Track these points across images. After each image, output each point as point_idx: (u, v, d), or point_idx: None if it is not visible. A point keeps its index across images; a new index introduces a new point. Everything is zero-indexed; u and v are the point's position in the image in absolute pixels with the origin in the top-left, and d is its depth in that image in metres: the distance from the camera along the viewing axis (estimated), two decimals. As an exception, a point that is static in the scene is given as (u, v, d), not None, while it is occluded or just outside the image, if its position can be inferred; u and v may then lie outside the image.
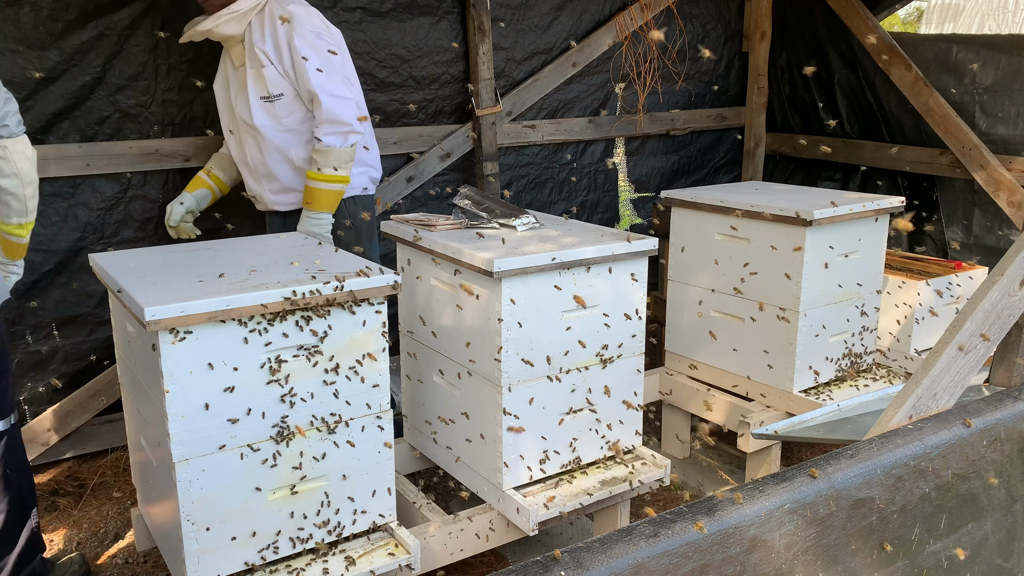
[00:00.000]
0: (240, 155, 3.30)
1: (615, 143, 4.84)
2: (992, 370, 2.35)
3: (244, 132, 3.23)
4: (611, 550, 1.44)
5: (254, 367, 2.05)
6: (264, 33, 3.09)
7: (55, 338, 3.47)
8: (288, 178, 3.23)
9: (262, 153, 3.21)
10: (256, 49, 3.09)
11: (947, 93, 4.44)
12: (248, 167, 3.29)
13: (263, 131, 3.15)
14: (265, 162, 3.22)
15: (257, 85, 3.13)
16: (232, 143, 3.32)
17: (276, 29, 3.07)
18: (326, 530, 2.23)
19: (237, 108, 3.22)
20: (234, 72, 3.23)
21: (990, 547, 2.01)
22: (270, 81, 3.10)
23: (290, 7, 3.08)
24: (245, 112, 3.18)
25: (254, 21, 3.10)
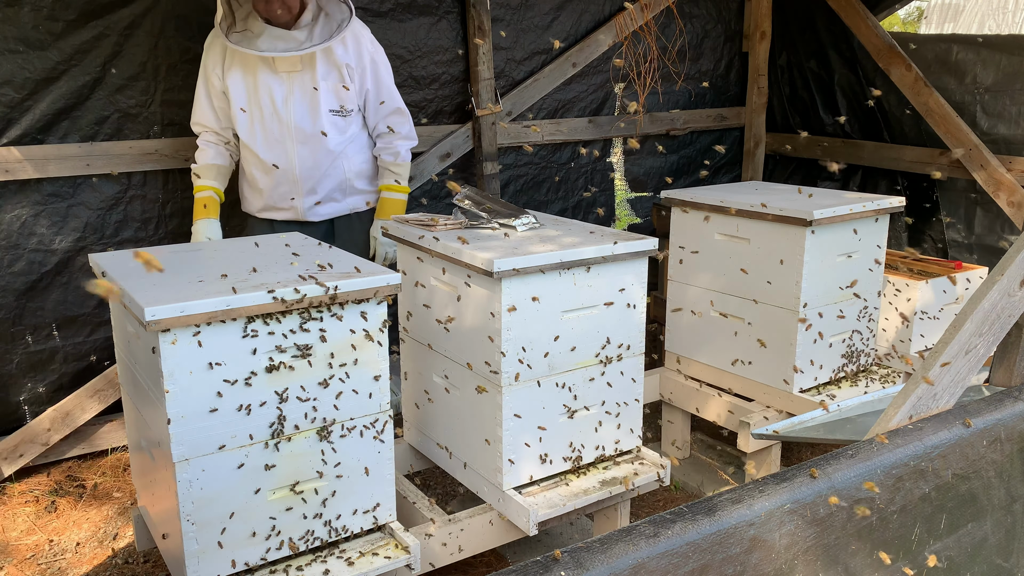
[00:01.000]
0: (284, 166, 3.22)
1: (612, 143, 4.84)
2: (992, 370, 2.35)
3: (297, 142, 3.20)
4: (611, 550, 1.44)
5: (254, 367, 2.05)
6: (348, 49, 3.20)
7: (55, 338, 3.47)
8: (336, 189, 3.35)
9: (319, 166, 3.25)
10: (341, 64, 3.19)
11: (948, 93, 4.44)
12: (291, 177, 3.24)
13: (331, 144, 3.23)
14: (320, 173, 3.26)
15: (331, 98, 3.20)
16: (268, 152, 3.21)
17: (361, 47, 3.23)
18: (326, 530, 2.23)
19: (292, 117, 3.17)
20: (274, 76, 3.15)
21: (990, 547, 2.01)
22: (348, 97, 3.23)
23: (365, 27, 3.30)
24: (307, 122, 3.19)
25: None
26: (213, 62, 3.18)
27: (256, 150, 3.22)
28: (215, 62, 3.18)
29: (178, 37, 3.47)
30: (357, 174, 3.39)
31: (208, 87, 3.22)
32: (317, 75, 3.17)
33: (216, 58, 3.18)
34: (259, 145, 3.21)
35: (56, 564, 2.95)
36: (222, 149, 3.30)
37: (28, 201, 3.33)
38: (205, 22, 3.49)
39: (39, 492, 3.37)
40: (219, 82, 3.20)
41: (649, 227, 5.11)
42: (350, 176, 3.35)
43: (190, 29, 3.48)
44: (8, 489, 3.38)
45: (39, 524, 3.18)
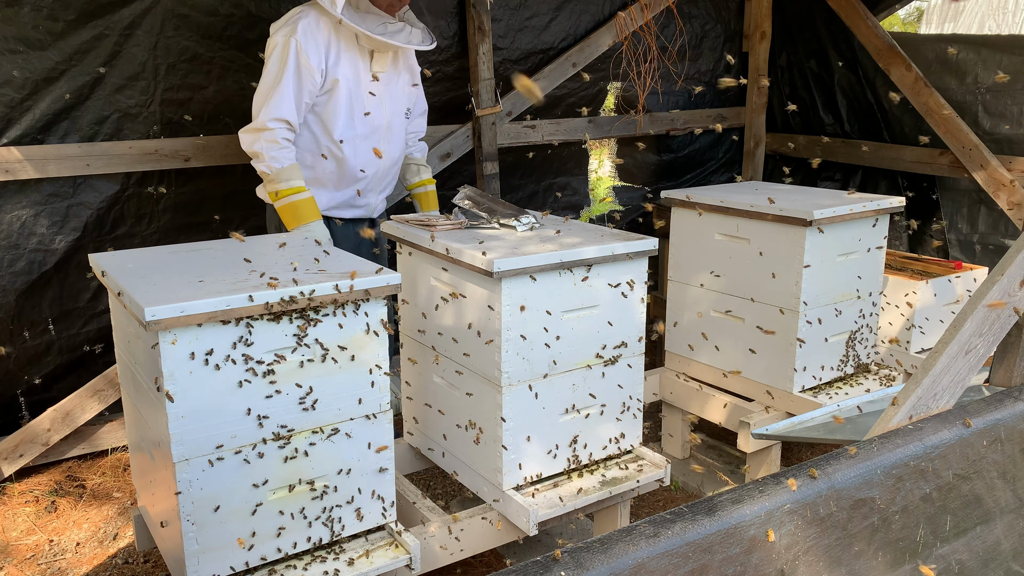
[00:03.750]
0: (372, 164, 3.27)
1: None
2: (992, 370, 2.34)
3: (386, 140, 3.28)
4: (611, 550, 1.44)
5: (254, 367, 2.05)
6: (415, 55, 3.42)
7: (51, 332, 3.47)
8: (395, 184, 3.50)
9: (397, 163, 3.39)
10: (415, 69, 3.40)
11: (949, 93, 4.44)
12: (379, 175, 3.32)
13: (403, 141, 3.41)
14: (393, 171, 3.41)
15: (406, 100, 3.36)
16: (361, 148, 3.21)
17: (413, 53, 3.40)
18: (326, 530, 2.23)
19: (386, 116, 3.25)
20: (369, 75, 3.19)
21: (1004, 552, 2.00)
22: (416, 99, 3.45)
23: None
24: (396, 121, 3.31)
25: None
26: (316, 53, 3.01)
27: (352, 148, 3.18)
28: (318, 54, 3.01)
29: (178, 37, 3.47)
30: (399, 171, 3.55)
31: (302, 79, 3.01)
32: (402, 76, 3.32)
33: (320, 49, 3.02)
34: (357, 144, 3.19)
35: (56, 564, 2.95)
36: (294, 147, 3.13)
37: (28, 201, 3.33)
38: (205, 22, 3.50)
39: (39, 492, 3.37)
40: (321, 76, 3.04)
41: (635, 218, 5.11)
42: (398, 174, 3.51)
43: (190, 29, 3.48)
44: (8, 489, 3.38)
45: (39, 524, 3.18)
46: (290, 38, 2.98)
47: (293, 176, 3.04)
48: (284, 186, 3.03)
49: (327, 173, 3.21)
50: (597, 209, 5.08)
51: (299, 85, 3.01)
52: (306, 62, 2.99)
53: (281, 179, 3.03)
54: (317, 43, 3.01)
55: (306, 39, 2.99)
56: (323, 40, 3.03)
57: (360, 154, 3.21)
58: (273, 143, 3.01)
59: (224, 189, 3.70)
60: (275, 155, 3.02)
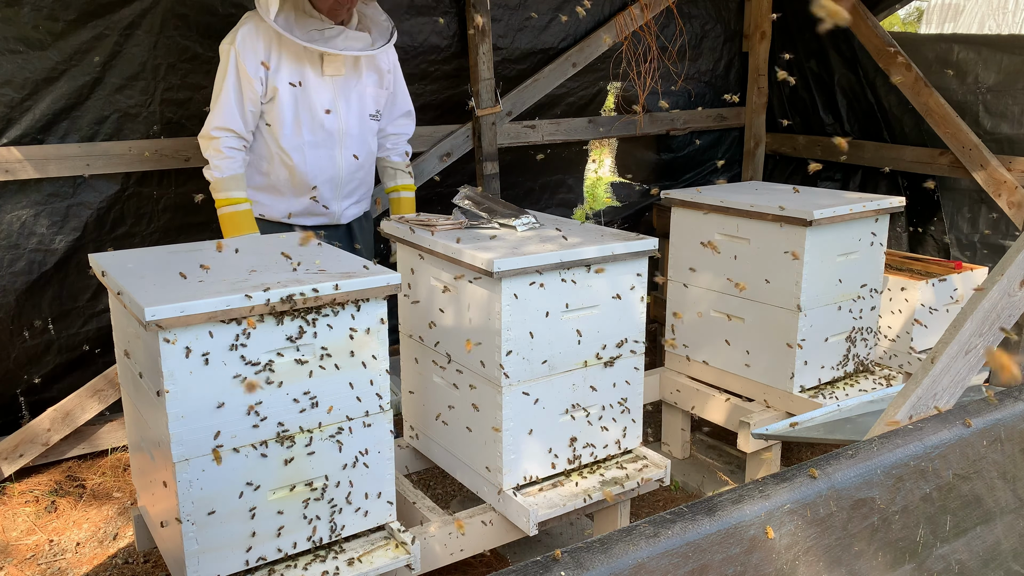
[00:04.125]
0: (330, 171, 3.18)
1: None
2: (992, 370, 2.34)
3: (344, 147, 3.18)
4: (611, 550, 1.44)
5: (254, 367, 2.05)
6: (387, 55, 3.27)
7: (50, 332, 3.47)
8: (365, 190, 3.40)
9: (362, 168, 3.29)
10: (383, 69, 3.26)
11: (950, 93, 4.44)
12: (335, 181, 3.22)
13: (372, 146, 3.32)
14: (360, 176, 3.30)
15: (372, 102, 3.26)
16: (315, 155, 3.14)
17: (390, 53, 3.30)
18: (326, 530, 2.23)
19: (342, 121, 3.15)
20: (321, 79, 3.09)
21: (1004, 552, 2.00)
22: (383, 101, 3.31)
23: None
24: (356, 127, 3.21)
25: None
26: (253, 61, 2.99)
27: (300, 156, 3.12)
28: (255, 62, 3.00)
29: (178, 37, 3.47)
30: (373, 176, 3.46)
31: (242, 88, 3.01)
32: (363, 79, 3.21)
33: (257, 58, 3.00)
34: (305, 151, 3.12)
35: (56, 564, 2.95)
36: (244, 156, 3.13)
37: (28, 201, 3.33)
38: (205, 22, 3.49)
39: (39, 492, 3.37)
40: (261, 85, 3.02)
41: (632, 216, 5.11)
42: (371, 179, 3.43)
43: (190, 29, 3.48)
44: (8, 489, 3.38)
45: (39, 524, 3.18)
46: (230, 47, 3.01)
47: (232, 187, 3.06)
48: (223, 195, 3.07)
49: (281, 181, 3.17)
50: (592, 206, 5.08)
51: (240, 94, 3.02)
52: (244, 71, 3.00)
53: (221, 188, 3.06)
54: (255, 51, 3.00)
55: (244, 48, 2.99)
56: (262, 48, 3.01)
57: (311, 161, 3.13)
58: (217, 152, 3.04)
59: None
60: (218, 164, 3.05)
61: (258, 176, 3.19)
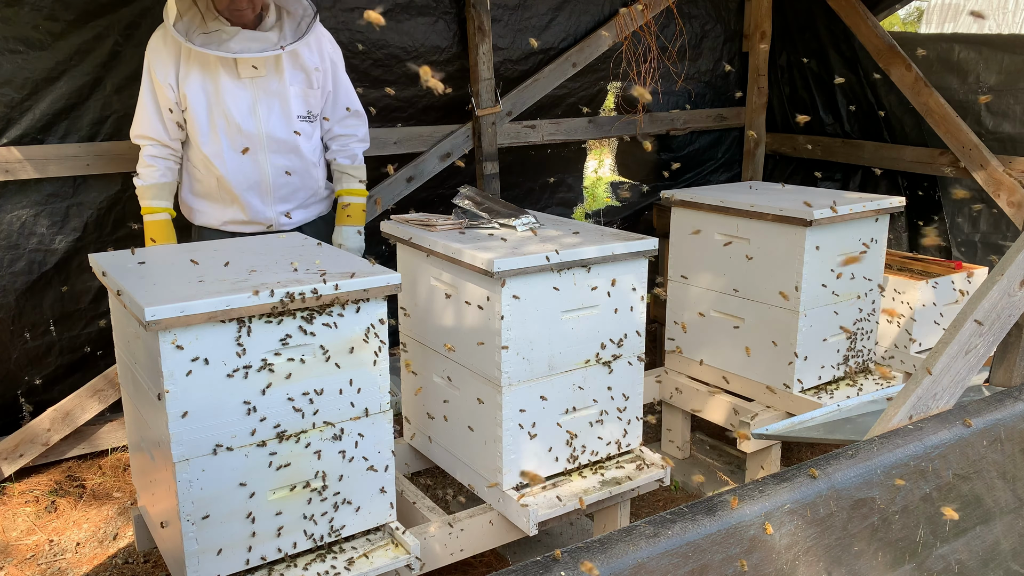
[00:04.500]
0: (253, 176, 3.02)
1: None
2: (992, 370, 2.35)
3: (269, 151, 3.02)
4: (611, 550, 1.44)
5: (254, 367, 2.05)
6: (313, 51, 3.05)
7: (51, 333, 3.47)
8: (307, 195, 3.20)
9: (292, 173, 3.09)
10: (309, 67, 3.03)
11: (951, 92, 4.44)
12: (262, 187, 3.05)
13: (304, 151, 3.09)
14: (293, 181, 3.11)
15: (300, 104, 3.05)
16: (235, 160, 2.99)
17: (323, 48, 3.08)
18: (326, 530, 2.23)
19: (262, 124, 2.98)
20: (237, 82, 2.94)
21: (1003, 552, 2.00)
22: (316, 101, 3.10)
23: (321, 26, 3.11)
24: (281, 130, 3.01)
25: None
26: (163, 68, 2.92)
27: (221, 162, 2.98)
28: (166, 68, 2.92)
29: (178, 37, 3.46)
30: (323, 180, 3.26)
31: (156, 96, 2.95)
32: (285, 79, 2.98)
33: (167, 64, 2.92)
34: (225, 157, 2.98)
35: (56, 564, 2.95)
36: (171, 164, 3.05)
37: (28, 201, 3.33)
38: (205, 22, 3.49)
39: (39, 492, 3.37)
40: (172, 91, 2.93)
41: (632, 215, 5.11)
42: (319, 183, 3.22)
43: (190, 29, 3.48)
44: (8, 489, 3.38)
45: (39, 524, 3.18)
46: (146, 54, 2.97)
47: (151, 195, 3.04)
48: (144, 204, 3.06)
49: (211, 188, 3.07)
50: (591, 206, 5.08)
51: (156, 102, 2.97)
52: (156, 78, 2.94)
53: (141, 196, 3.06)
54: (164, 58, 2.93)
55: (155, 55, 2.94)
56: (171, 54, 2.92)
57: (232, 168, 2.99)
58: (140, 160, 3.03)
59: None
60: (140, 172, 3.04)
61: (195, 183, 3.12)
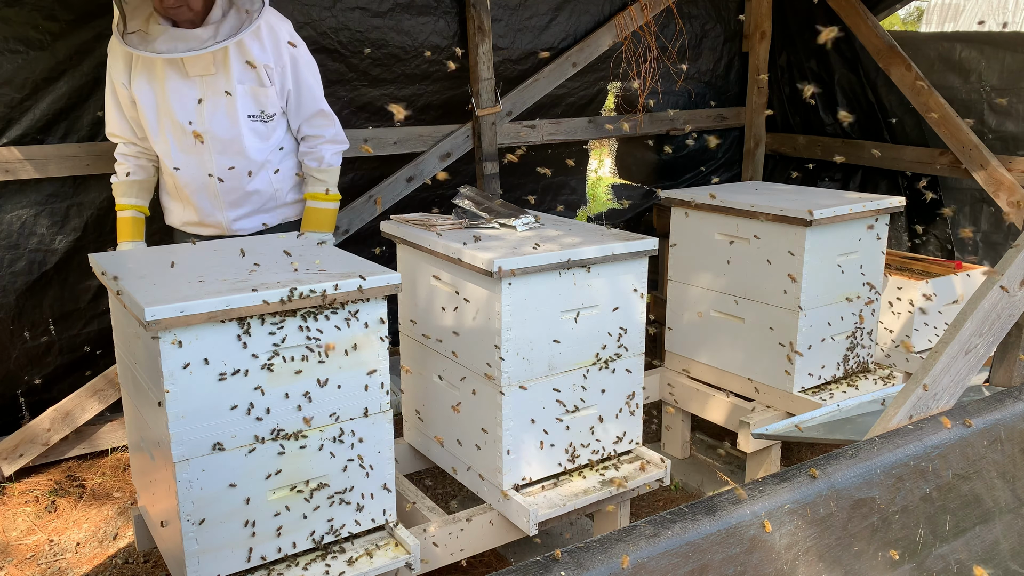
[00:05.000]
0: (200, 179, 2.94)
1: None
2: (992, 370, 2.35)
3: (215, 152, 2.90)
4: (611, 550, 1.44)
5: (254, 367, 2.05)
6: (266, 47, 2.86)
7: (51, 333, 3.47)
8: (264, 199, 3.04)
9: (241, 177, 2.94)
10: (259, 64, 2.85)
11: (953, 91, 4.44)
12: (212, 191, 2.95)
13: (251, 153, 2.92)
14: (243, 186, 2.96)
15: (250, 103, 2.88)
16: (183, 162, 2.92)
17: (280, 44, 2.88)
18: (326, 530, 2.23)
19: (207, 125, 2.86)
20: (185, 81, 2.83)
21: (1003, 551, 2.00)
22: (270, 100, 2.91)
23: (283, 21, 2.93)
24: (226, 131, 2.87)
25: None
26: (117, 69, 2.87)
27: (171, 163, 2.92)
28: (120, 69, 2.87)
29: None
30: (286, 184, 3.08)
31: (116, 96, 2.92)
32: (232, 77, 2.84)
33: (121, 65, 2.87)
34: (174, 157, 2.91)
35: (56, 564, 2.95)
36: (142, 161, 3.02)
37: (28, 201, 3.33)
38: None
39: (39, 492, 3.37)
40: (126, 91, 2.88)
41: (633, 216, 5.11)
42: (279, 187, 3.05)
43: (190, 29, 3.48)
44: (8, 489, 3.38)
45: (39, 524, 3.18)
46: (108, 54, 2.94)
47: (117, 193, 3.06)
48: (116, 200, 3.08)
49: (173, 188, 3.03)
50: (594, 208, 5.08)
51: (117, 100, 2.94)
52: (113, 77, 2.91)
53: (114, 194, 3.08)
54: (117, 58, 2.88)
55: (111, 55, 2.90)
56: (123, 54, 2.87)
57: (182, 168, 2.93)
58: (114, 157, 3.06)
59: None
60: (115, 169, 3.06)
61: (162, 183, 3.11)
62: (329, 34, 3.74)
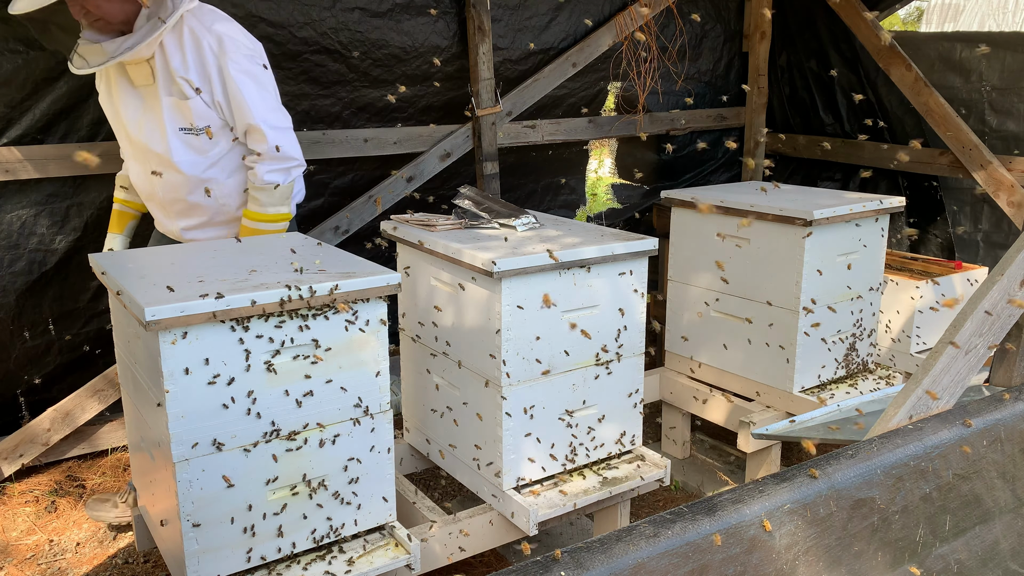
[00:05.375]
0: (147, 188, 2.90)
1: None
2: (992, 370, 2.34)
3: (152, 163, 2.83)
4: (611, 550, 1.44)
5: (254, 367, 2.05)
6: (187, 58, 2.69)
7: (51, 332, 3.47)
8: (210, 213, 2.92)
9: (178, 190, 2.84)
10: (178, 78, 2.70)
11: (953, 91, 4.43)
12: (158, 202, 2.92)
13: (183, 167, 2.79)
14: (183, 199, 2.86)
15: (177, 116, 2.75)
16: (134, 171, 2.91)
17: (203, 54, 2.69)
18: (326, 530, 2.23)
19: (143, 136, 2.79)
20: (132, 91, 2.78)
21: (1002, 552, 2.00)
22: (196, 113, 2.74)
23: (216, 26, 2.72)
24: (157, 143, 2.77)
25: (167, 40, 2.68)
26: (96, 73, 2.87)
27: (128, 169, 2.98)
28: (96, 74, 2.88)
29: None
30: (235, 199, 2.91)
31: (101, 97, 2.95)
32: (159, 89, 2.72)
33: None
34: (129, 164, 2.95)
35: (56, 564, 2.95)
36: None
37: (28, 201, 3.33)
38: (205, 22, 3.49)
39: (39, 492, 3.37)
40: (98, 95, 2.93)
41: (633, 216, 5.11)
42: (225, 201, 2.89)
43: (190, 29, 3.48)
44: (8, 489, 3.38)
45: (39, 524, 3.18)
46: None
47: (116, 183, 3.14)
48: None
49: None
50: (594, 208, 5.08)
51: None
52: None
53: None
54: None
55: None
56: None
57: (134, 177, 2.94)
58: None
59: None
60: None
61: None
62: (329, 34, 3.74)
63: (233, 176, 2.88)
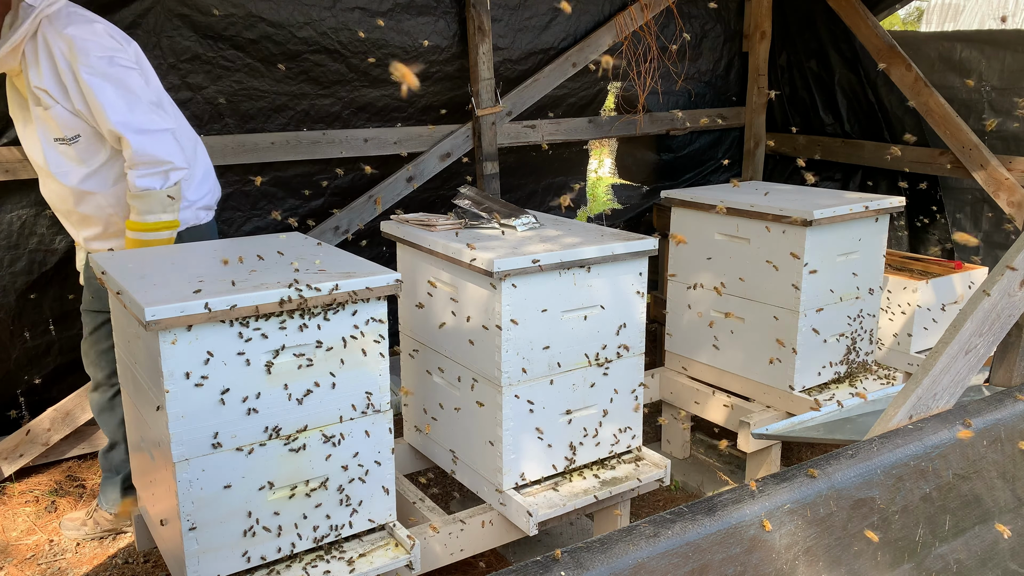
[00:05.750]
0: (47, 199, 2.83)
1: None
2: (992, 370, 2.35)
3: (40, 175, 2.75)
4: (611, 550, 1.44)
5: (254, 367, 2.05)
6: (41, 68, 2.54)
7: (51, 332, 3.47)
8: (103, 224, 2.79)
9: (65, 201, 2.73)
10: (35, 88, 2.56)
11: (954, 91, 4.43)
12: (58, 213, 2.83)
13: (60, 178, 2.67)
14: (72, 209, 2.75)
15: (47, 127, 2.63)
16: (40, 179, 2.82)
17: (55, 62, 2.53)
18: (326, 530, 2.23)
19: (28, 147, 2.71)
20: (20, 101, 2.70)
21: (1002, 551, 2.00)
22: (62, 123, 2.60)
23: (67, 30, 2.53)
24: (37, 154, 2.68)
25: (28, 49, 2.54)
26: None
27: None
28: None
29: (178, 37, 3.47)
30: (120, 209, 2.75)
31: None
32: (30, 100, 2.62)
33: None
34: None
35: (56, 564, 2.95)
36: None
37: (28, 201, 3.33)
38: (205, 22, 3.50)
39: (39, 492, 3.37)
40: None
41: (633, 216, 5.12)
42: (113, 212, 2.74)
43: (190, 29, 3.48)
44: (8, 489, 3.38)
45: (39, 524, 3.18)
46: None
47: None
48: None
49: None
50: (594, 208, 5.08)
51: None
52: None
53: None
54: None
55: None
56: None
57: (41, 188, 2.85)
58: None
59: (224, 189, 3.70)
60: None
61: None
62: (329, 34, 3.74)
63: (118, 184, 2.72)
